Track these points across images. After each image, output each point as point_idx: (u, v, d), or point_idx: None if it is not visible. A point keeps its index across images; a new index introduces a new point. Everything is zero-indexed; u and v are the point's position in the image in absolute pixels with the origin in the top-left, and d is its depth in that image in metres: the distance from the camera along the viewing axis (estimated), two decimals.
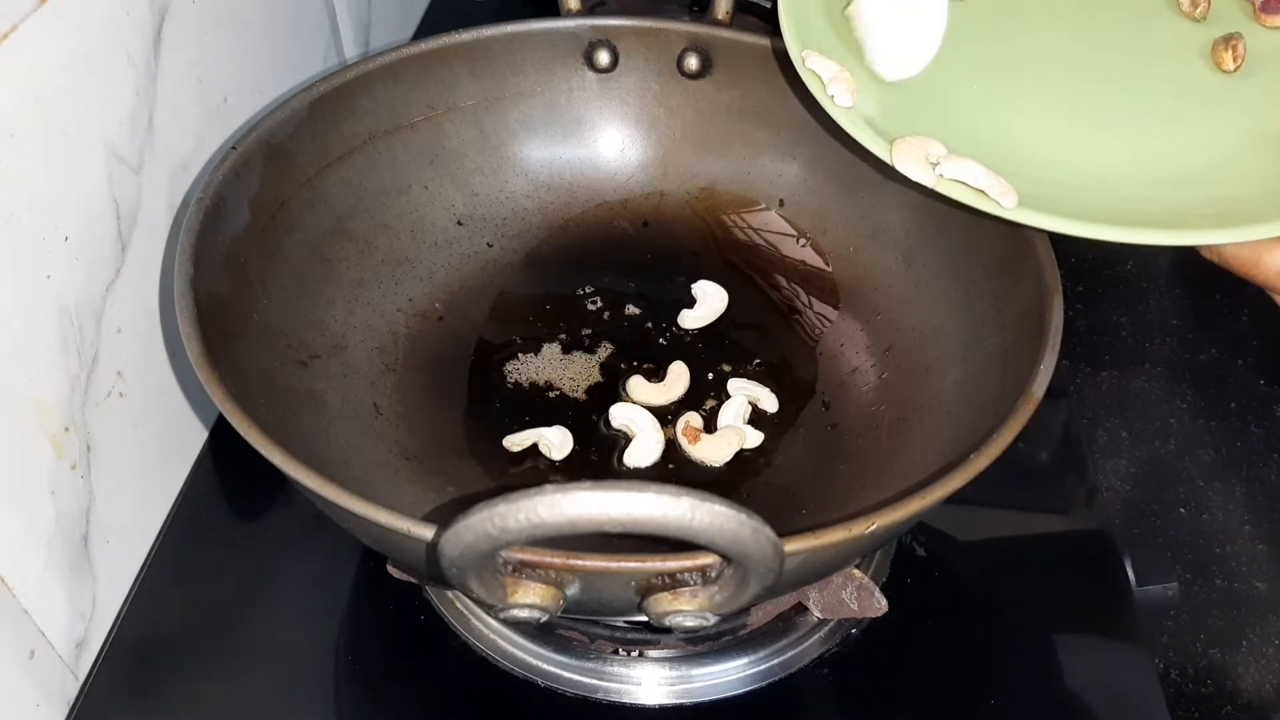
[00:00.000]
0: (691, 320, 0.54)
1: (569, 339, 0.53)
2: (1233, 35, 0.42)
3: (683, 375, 0.50)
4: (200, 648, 0.45)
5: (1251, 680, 0.53)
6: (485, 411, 0.49)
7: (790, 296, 0.55)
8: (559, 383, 0.51)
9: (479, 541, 0.26)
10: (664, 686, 0.43)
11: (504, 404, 0.49)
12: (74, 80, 0.39)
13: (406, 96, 0.53)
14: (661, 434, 0.48)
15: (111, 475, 0.44)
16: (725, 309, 0.54)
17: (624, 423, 0.48)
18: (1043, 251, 0.43)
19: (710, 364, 0.52)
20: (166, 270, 0.48)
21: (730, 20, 0.57)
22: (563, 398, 0.50)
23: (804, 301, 0.55)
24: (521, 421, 0.48)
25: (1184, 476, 0.63)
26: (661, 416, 0.49)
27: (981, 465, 0.34)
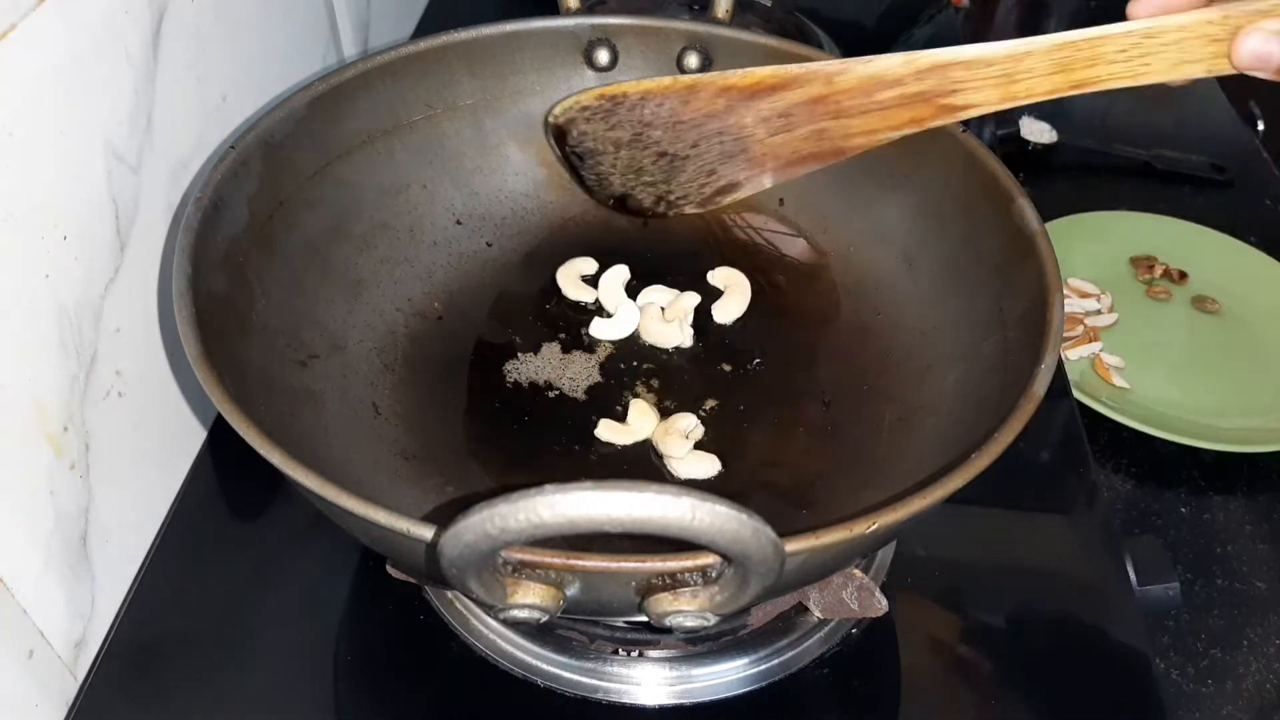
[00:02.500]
0: (725, 314, 0.54)
1: (569, 339, 0.53)
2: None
3: (648, 414, 0.49)
4: (199, 648, 0.45)
5: (1251, 680, 0.53)
6: (485, 411, 0.49)
7: (790, 296, 0.55)
8: (559, 383, 0.50)
9: (479, 541, 0.26)
10: (664, 687, 0.43)
11: (503, 404, 0.49)
12: (73, 79, 0.39)
13: (405, 95, 0.53)
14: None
15: (110, 475, 0.44)
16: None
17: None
18: (1044, 251, 0.43)
19: (710, 363, 0.52)
20: (165, 270, 0.47)
21: (730, 19, 0.57)
22: (562, 398, 0.50)
23: (804, 301, 0.55)
24: (521, 422, 0.48)
25: (1184, 476, 0.63)
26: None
27: (981, 465, 0.33)
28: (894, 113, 0.37)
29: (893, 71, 0.36)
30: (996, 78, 0.35)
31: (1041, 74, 0.35)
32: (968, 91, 0.36)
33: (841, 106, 0.38)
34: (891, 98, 0.37)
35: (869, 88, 0.37)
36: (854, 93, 0.37)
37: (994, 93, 0.36)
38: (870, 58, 0.36)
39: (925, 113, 0.37)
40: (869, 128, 0.38)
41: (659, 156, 0.43)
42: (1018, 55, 0.35)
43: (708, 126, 0.41)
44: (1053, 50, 0.35)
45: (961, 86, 0.36)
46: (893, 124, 0.38)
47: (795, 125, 0.39)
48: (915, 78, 0.36)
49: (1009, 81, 0.35)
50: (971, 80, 0.36)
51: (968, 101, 0.36)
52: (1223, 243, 0.77)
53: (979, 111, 0.36)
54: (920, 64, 0.36)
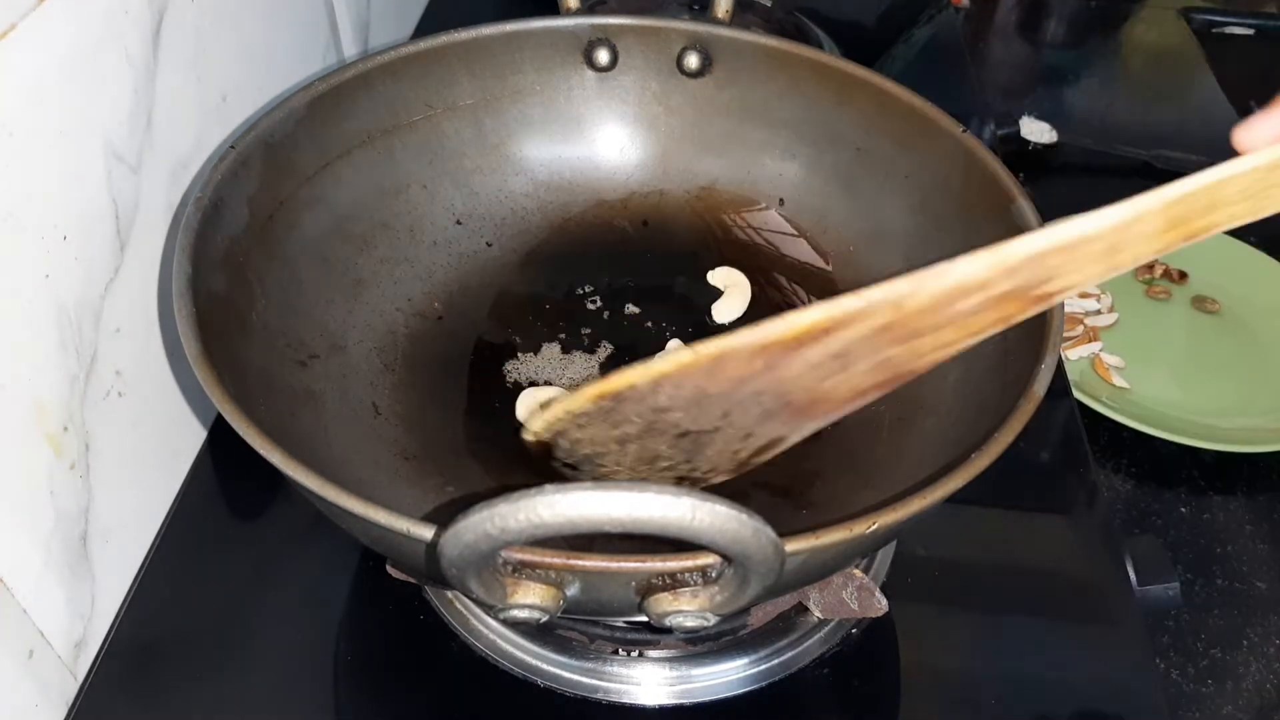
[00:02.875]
0: (725, 314, 0.54)
1: (569, 339, 0.53)
2: None
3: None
4: (199, 647, 0.45)
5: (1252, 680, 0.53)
6: (485, 411, 0.49)
7: (790, 296, 0.55)
8: (558, 383, 0.50)
9: (479, 541, 0.26)
10: (664, 686, 0.43)
11: (503, 404, 0.49)
12: (72, 79, 0.39)
13: (405, 95, 0.53)
14: None
15: (110, 475, 0.44)
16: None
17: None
18: None
19: None
20: (165, 270, 0.47)
21: (730, 18, 0.57)
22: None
23: (804, 301, 0.55)
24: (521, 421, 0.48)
25: (1184, 476, 0.63)
26: None
27: (981, 465, 0.33)
28: (977, 318, 0.30)
29: (977, 277, 0.29)
30: (1099, 253, 0.29)
31: (1151, 235, 0.29)
32: (1066, 275, 0.30)
33: (912, 329, 0.30)
34: (974, 305, 0.30)
35: (947, 301, 0.30)
36: (928, 311, 0.30)
37: (1095, 269, 0.30)
38: (946, 266, 0.29)
39: (1014, 309, 0.30)
40: (943, 342, 0.31)
41: (679, 437, 0.34)
42: (1126, 223, 0.29)
43: (741, 392, 0.32)
44: (1167, 209, 0.29)
45: (1059, 272, 0.29)
46: (974, 330, 0.31)
47: (853, 363, 0.31)
48: (1005, 276, 0.29)
49: (1113, 254, 0.29)
50: (1071, 263, 0.29)
51: (1064, 285, 0.30)
52: (1223, 243, 0.77)
53: (1077, 291, 0.30)
54: (1011, 260, 0.29)
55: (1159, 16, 1.07)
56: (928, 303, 0.30)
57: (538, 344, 0.52)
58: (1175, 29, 1.05)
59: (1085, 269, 0.29)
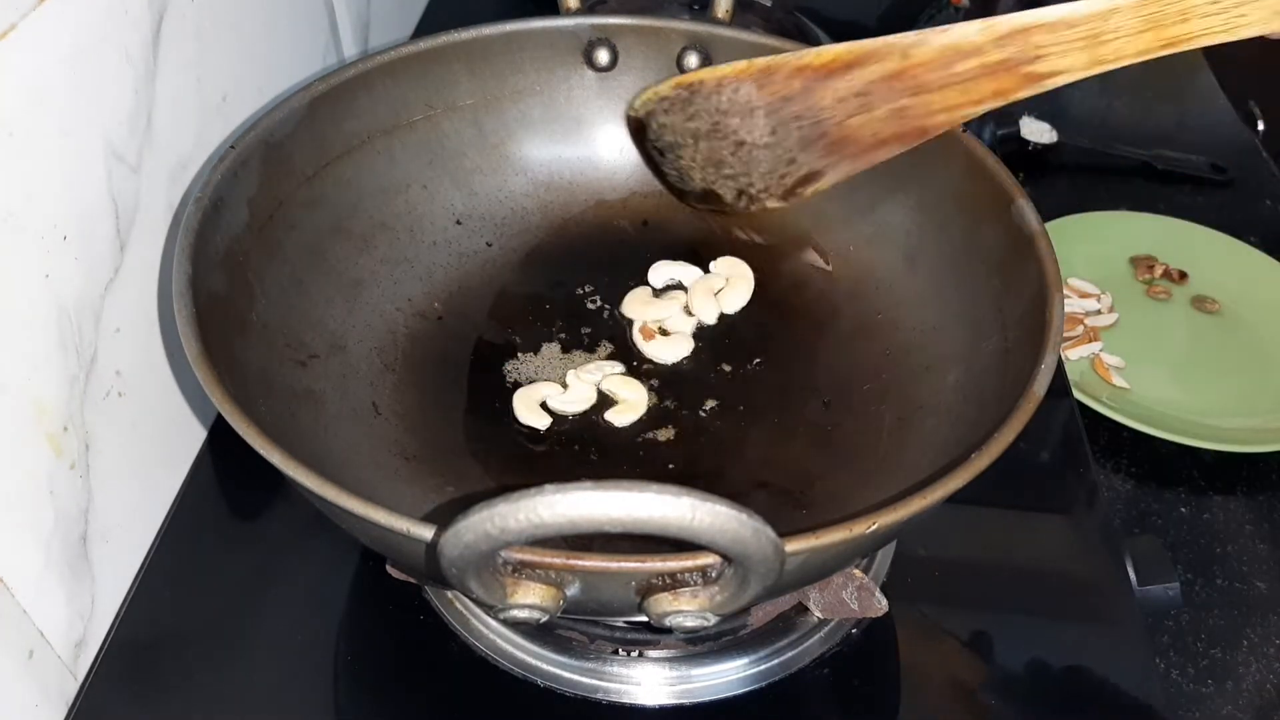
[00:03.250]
0: (730, 304, 0.54)
1: (569, 339, 0.53)
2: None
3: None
4: (199, 648, 0.45)
5: (1251, 680, 0.53)
6: (485, 411, 0.49)
7: (790, 296, 0.55)
8: (559, 382, 0.50)
9: (479, 541, 0.26)
10: (664, 686, 0.43)
11: (503, 404, 0.49)
12: (73, 79, 0.39)
13: (405, 95, 0.53)
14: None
15: (110, 475, 0.44)
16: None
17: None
18: (1044, 251, 0.43)
19: (711, 363, 0.52)
20: (165, 270, 0.47)
21: (730, 19, 0.57)
22: None
23: (804, 301, 0.55)
24: (521, 420, 0.48)
25: (1184, 476, 0.63)
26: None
27: (981, 465, 0.33)
28: (976, 85, 0.35)
29: (970, 40, 0.34)
30: (1083, 39, 0.33)
31: (1130, 33, 0.32)
32: (1052, 57, 0.34)
33: (920, 81, 0.36)
34: (972, 68, 0.35)
35: (947, 59, 0.35)
36: (931, 65, 0.35)
37: (1081, 56, 0.33)
38: (947, 27, 0.35)
39: (1009, 83, 0.35)
40: (951, 103, 0.36)
41: (738, 146, 0.42)
42: (1103, 13, 0.32)
43: (784, 111, 0.39)
44: (1141, 5, 0.32)
45: (1045, 52, 0.34)
46: (976, 97, 0.36)
47: (874, 104, 0.37)
48: (995, 45, 0.34)
49: (1096, 43, 0.33)
50: (1055, 44, 0.33)
51: (1053, 68, 0.34)
52: (1223, 243, 0.77)
53: (1068, 79, 0.34)
54: (999, 29, 0.34)
55: None
56: (931, 55, 0.35)
57: (538, 344, 0.52)
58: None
59: (1071, 54, 0.33)
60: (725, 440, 0.48)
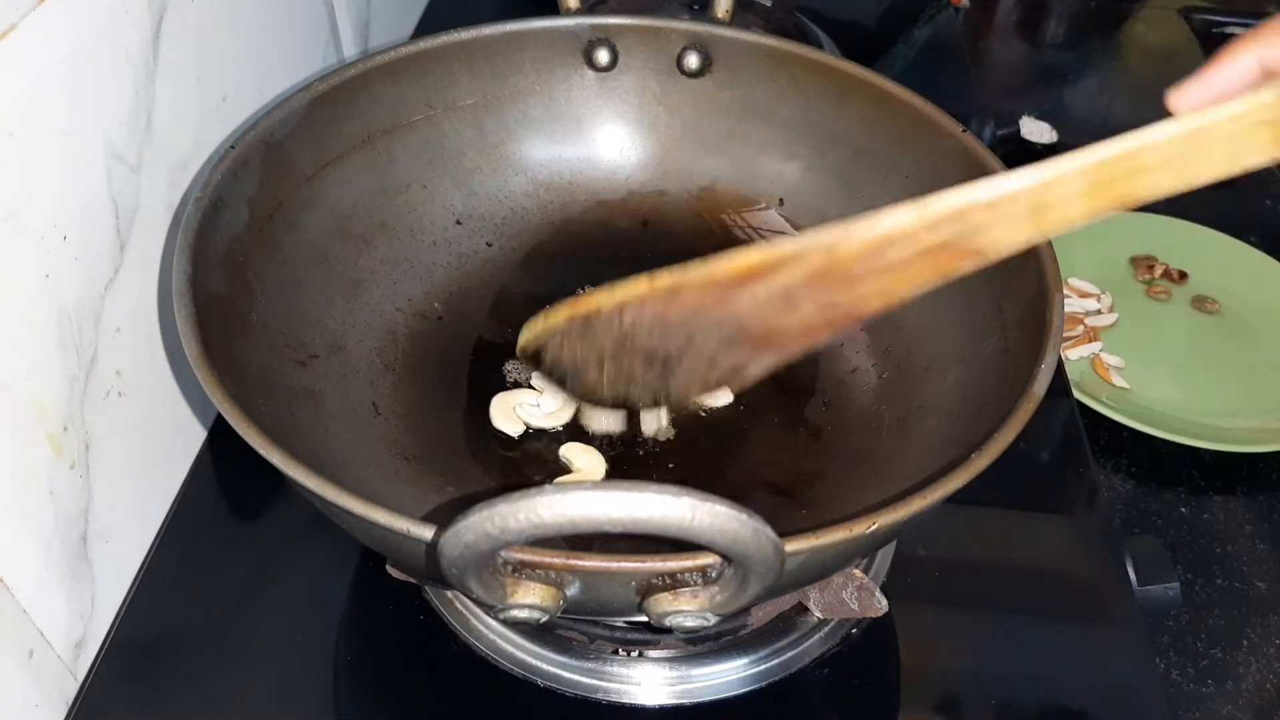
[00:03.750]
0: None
1: None
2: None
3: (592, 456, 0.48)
4: (199, 648, 0.45)
5: (1251, 680, 0.53)
6: (485, 411, 0.49)
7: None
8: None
9: (479, 541, 0.26)
10: (664, 686, 0.43)
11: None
12: (73, 79, 0.39)
13: (405, 95, 0.53)
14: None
15: (110, 475, 0.44)
16: None
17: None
18: (1044, 251, 0.43)
19: None
20: (165, 270, 0.47)
21: (730, 18, 0.57)
22: None
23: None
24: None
25: (1184, 476, 0.63)
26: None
27: (981, 465, 0.33)
28: (912, 269, 0.32)
29: (901, 228, 0.31)
30: (1025, 212, 0.30)
31: (1077, 198, 0.30)
32: (994, 232, 0.31)
33: (849, 274, 0.33)
34: (905, 256, 0.32)
35: (878, 249, 0.32)
36: (861, 258, 0.32)
37: (1025, 229, 0.31)
38: (875, 216, 0.32)
39: (949, 263, 0.32)
40: (884, 289, 0.33)
41: (649, 360, 0.37)
42: (1045, 183, 0.30)
43: (699, 321, 0.36)
44: (1086, 172, 0.30)
45: (986, 229, 0.31)
46: (914, 281, 0.33)
47: (799, 303, 0.34)
48: (930, 229, 0.31)
49: (1041, 213, 0.30)
50: (996, 220, 0.31)
51: (996, 242, 0.31)
52: (1223, 243, 0.77)
53: (1016, 250, 0.32)
54: (931, 214, 0.31)
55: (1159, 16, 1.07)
56: (859, 250, 0.32)
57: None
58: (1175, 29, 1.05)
59: (1013, 227, 0.31)
60: (725, 440, 0.48)
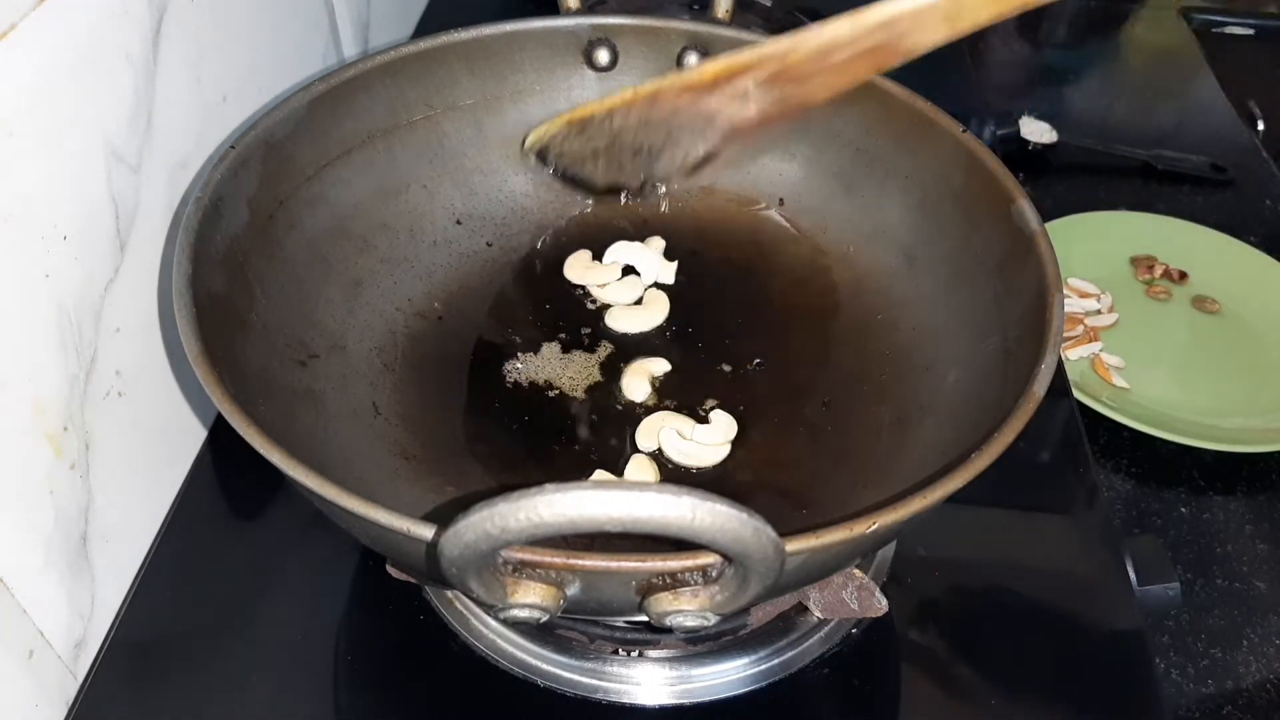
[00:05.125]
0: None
1: (569, 338, 0.53)
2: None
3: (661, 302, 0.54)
4: (199, 648, 0.45)
5: (1252, 680, 0.53)
6: (485, 411, 0.49)
7: (790, 296, 0.55)
8: (558, 382, 0.50)
9: (479, 541, 0.26)
10: (664, 686, 0.43)
11: (503, 404, 0.49)
12: (73, 79, 0.39)
13: (405, 95, 0.53)
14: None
15: (110, 475, 0.44)
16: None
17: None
18: (1044, 250, 0.43)
19: (711, 363, 0.52)
20: (165, 269, 0.47)
21: (730, 19, 0.57)
22: (563, 397, 0.50)
23: (804, 301, 0.55)
24: (521, 422, 0.48)
25: (1184, 476, 0.63)
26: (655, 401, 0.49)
27: (981, 465, 0.33)
28: (849, 68, 0.38)
29: (842, 37, 0.37)
30: (941, 18, 0.36)
31: (983, 2, 0.35)
32: (916, 35, 0.36)
33: (798, 75, 0.39)
34: (845, 58, 0.38)
35: (822, 55, 0.38)
36: (807, 62, 0.38)
37: (941, 29, 0.36)
38: (818, 27, 0.38)
39: (879, 60, 0.38)
40: (826, 84, 0.39)
41: (636, 153, 0.44)
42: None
43: (677, 119, 0.42)
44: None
45: (909, 32, 0.37)
46: (849, 76, 0.39)
47: (758, 98, 0.40)
48: (865, 35, 0.37)
49: (953, 20, 0.36)
50: (918, 25, 0.36)
51: (917, 43, 0.37)
52: (1223, 243, 0.77)
53: (930, 47, 0.37)
54: (868, 23, 0.37)
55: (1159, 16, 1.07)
56: (806, 56, 0.38)
57: (538, 344, 0.52)
58: (1175, 29, 1.05)
59: (931, 30, 0.36)
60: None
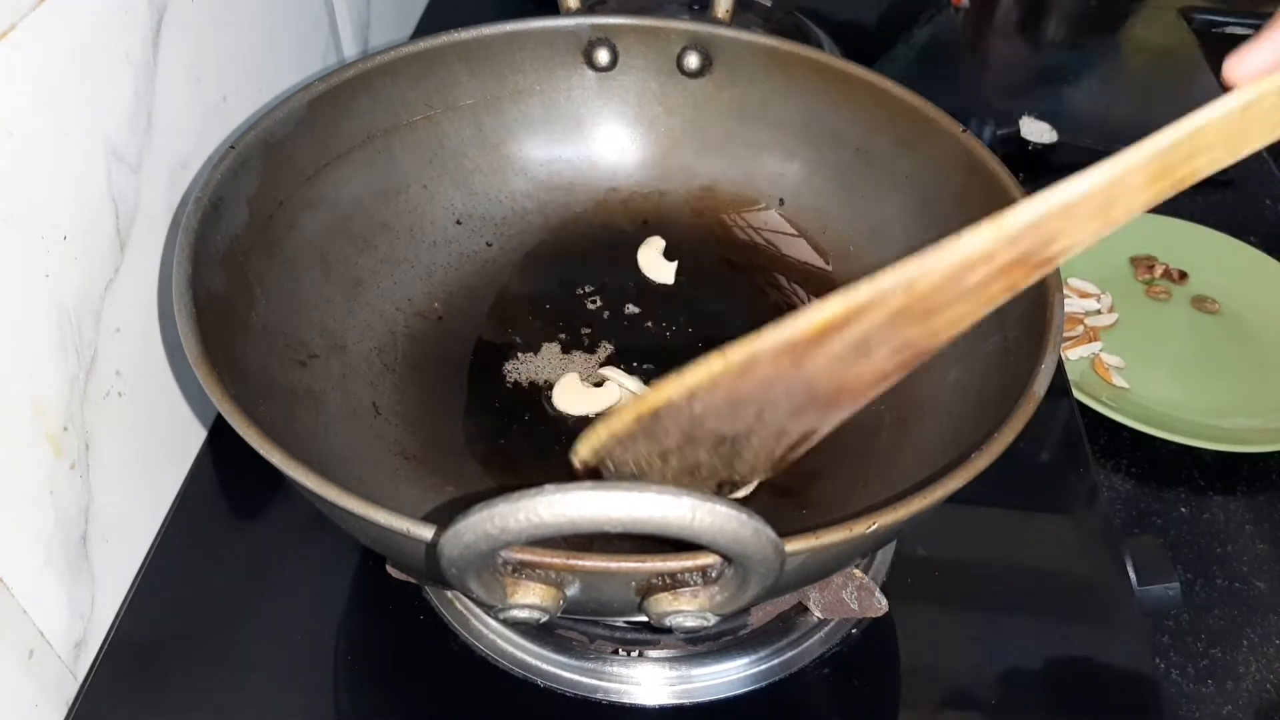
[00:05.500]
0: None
1: (569, 339, 0.53)
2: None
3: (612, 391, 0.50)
4: (199, 648, 0.45)
5: (1252, 680, 0.53)
6: (485, 411, 0.49)
7: (790, 296, 0.55)
8: (558, 382, 0.50)
9: (479, 541, 0.26)
10: (664, 686, 0.43)
11: (503, 404, 0.49)
12: (73, 79, 0.39)
13: (405, 95, 0.53)
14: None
15: (110, 475, 0.44)
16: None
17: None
18: None
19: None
20: (165, 269, 0.47)
21: (730, 18, 0.57)
22: None
23: (804, 301, 0.55)
24: (521, 421, 0.48)
25: (1184, 476, 0.63)
26: None
27: (981, 465, 0.33)
28: (984, 290, 0.31)
29: (982, 250, 0.30)
30: (1094, 211, 0.30)
31: (1139, 188, 0.30)
32: (1066, 237, 0.30)
33: (927, 308, 0.31)
34: (982, 277, 0.30)
35: (956, 277, 0.30)
36: (939, 290, 0.31)
37: (1092, 227, 0.30)
38: (951, 242, 0.30)
39: (1019, 276, 0.31)
40: (958, 317, 0.31)
41: (718, 445, 0.35)
42: (1115, 180, 0.30)
43: (771, 392, 0.33)
44: (1151, 162, 0.30)
45: (1058, 235, 0.30)
46: (983, 302, 0.31)
47: (874, 349, 0.32)
48: (1008, 245, 0.30)
49: (1107, 210, 0.30)
50: (1069, 225, 0.30)
51: (1065, 247, 0.30)
52: (1223, 243, 0.77)
53: (1078, 251, 0.31)
54: (1012, 230, 0.30)
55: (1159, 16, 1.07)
56: (939, 281, 0.30)
57: (538, 344, 0.52)
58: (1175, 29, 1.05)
59: (1083, 228, 0.30)
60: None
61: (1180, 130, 0.29)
